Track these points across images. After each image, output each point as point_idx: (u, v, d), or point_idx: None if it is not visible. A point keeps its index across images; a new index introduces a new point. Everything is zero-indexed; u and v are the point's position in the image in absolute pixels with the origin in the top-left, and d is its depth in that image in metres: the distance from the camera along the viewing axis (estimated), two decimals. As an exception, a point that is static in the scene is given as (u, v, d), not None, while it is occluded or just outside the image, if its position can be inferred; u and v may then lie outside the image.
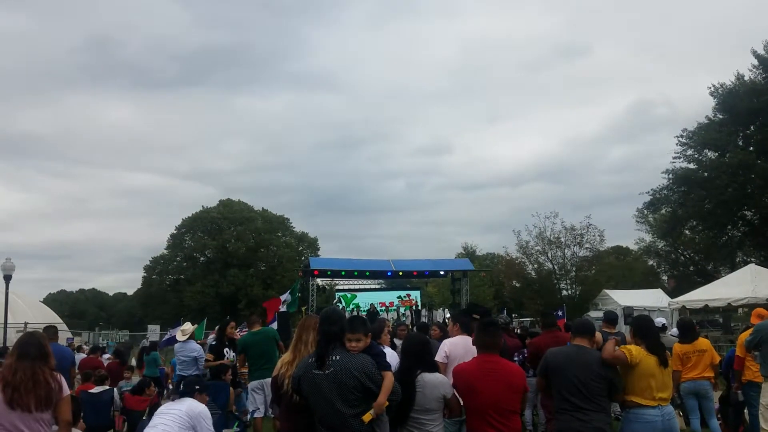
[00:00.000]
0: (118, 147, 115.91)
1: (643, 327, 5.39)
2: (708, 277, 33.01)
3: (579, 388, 4.89)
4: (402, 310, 30.91)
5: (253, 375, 8.67)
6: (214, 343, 10.66)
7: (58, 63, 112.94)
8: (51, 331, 8.77)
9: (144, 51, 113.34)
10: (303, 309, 27.79)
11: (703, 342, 8.17)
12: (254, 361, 8.71)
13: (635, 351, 5.10)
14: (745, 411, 8.42)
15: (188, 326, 11.28)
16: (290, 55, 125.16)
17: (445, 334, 7.41)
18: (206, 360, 9.80)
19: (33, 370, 4.06)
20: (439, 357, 5.91)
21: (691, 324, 8.90)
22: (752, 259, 31.88)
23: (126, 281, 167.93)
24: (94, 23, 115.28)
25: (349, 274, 31.86)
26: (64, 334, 22.49)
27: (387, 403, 4.22)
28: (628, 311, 14.63)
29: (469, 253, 57.26)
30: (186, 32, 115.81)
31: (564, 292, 35.61)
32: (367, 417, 4.07)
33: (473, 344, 4.94)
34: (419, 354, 4.76)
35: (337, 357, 4.18)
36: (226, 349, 9.97)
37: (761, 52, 28.50)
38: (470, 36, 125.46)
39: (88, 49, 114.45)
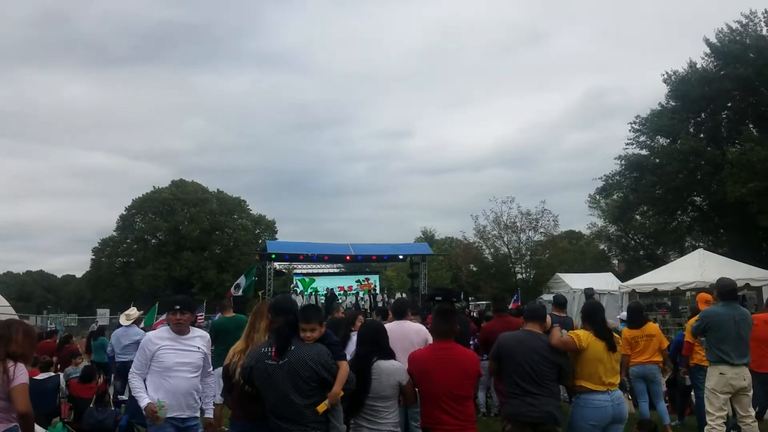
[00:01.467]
0: (73, 125, 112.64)
1: (590, 312, 5.45)
2: (657, 262, 33.93)
3: (529, 373, 4.93)
4: (361, 294, 30.90)
5: (220, 360, 8.46)
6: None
7: (9, 37, 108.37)
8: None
9: (100, 26, 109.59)
10: (260, 293, 27.53)
11: (651, 327, 8.34)
12: (226, 346, 8.48)
13: (583, 336, 5.15)
14: (692, 394, 8.66)
15: (133, 311, 11.01)
16: (252, 33, 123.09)
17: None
18: None
19: None
20: None
21: (639, 309, 9.07)
22: (701, 244, 32.85)
23: (76, 263, 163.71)
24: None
25: (308, 258, 31.65)
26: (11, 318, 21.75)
27: (342, 393, 4.17)
28: (589, 292, 14.87)
29: (427, 238, 57.60)
30: (144, 8, 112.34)
31: (519, 276, 36.22)
32: (321, 407, 4.02)
33: (430, 331, 4.90)
34: (375, 341, 4.69)
35: (292, 347, 4.10)
36: None
37: (713, 40, 29.11)
38: (434, 20, 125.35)
39: (43, 23, 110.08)
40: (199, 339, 5.34)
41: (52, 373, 9.43)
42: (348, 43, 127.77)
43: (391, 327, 6.13)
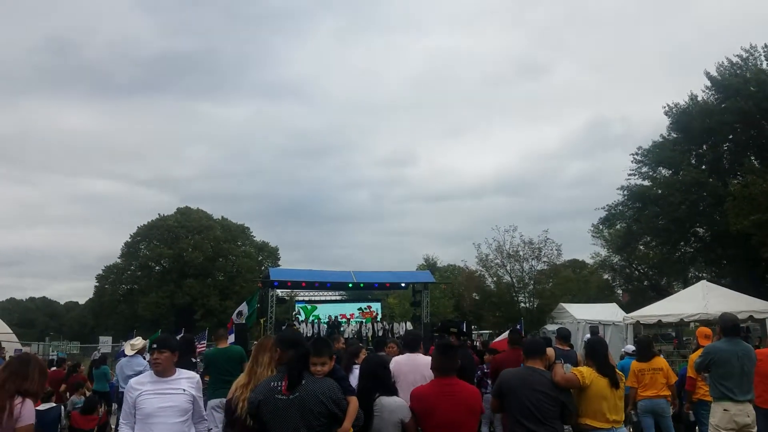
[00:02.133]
0: (77, 152, 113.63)
1: (593, 349, 5.46)
2: (661, 292, 33.81)
3: (532, 410, 4.89)
4: (363, 321, 30.73)
5: (215, 393, 8.43)
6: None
7: (16, 64, 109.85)
8: (-4, 346, 8.41)
9: (105, 55, 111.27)
10: (262, 321, 27.42)
11: (659, 361, 8.30)
12: (217, 378, 8.47)
13: (587, 373, 5.15)
14: (696, 429, 8.58)
15: (138, 341, 10.95)
16: (256, 64, 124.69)
17: (401, 351, 7.37)
18: None
19: (2, 384, 3.99)
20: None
21: (648, 342, 9.02)
22: (704, 275, 32.76)
23: (79, 290, 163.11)
24: (54, 25, 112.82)
25: (310, 285, 31.58)
26: (12, 346, 21.74)
27: (351, 429, 4.17)
28: (594, 330, 14.81)
29: (430, 265, 57.49)
30: (150, 38, 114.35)
31: (522, 305, 36.06)
32: None
33: (431, 368, 4.90)
34: (377, 376, 4.70)
35: (303, 381, 4.08)
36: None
37: (714, 73, 29.42)
38: (435, 51, 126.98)
39: (48, 51, 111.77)
40: (186, 381, 4.79)
41: (54, 404, 9.39)
42: (351, 73, 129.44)
43: (402, 360, 6.11)
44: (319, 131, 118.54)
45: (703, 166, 30.48)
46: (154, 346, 4.80)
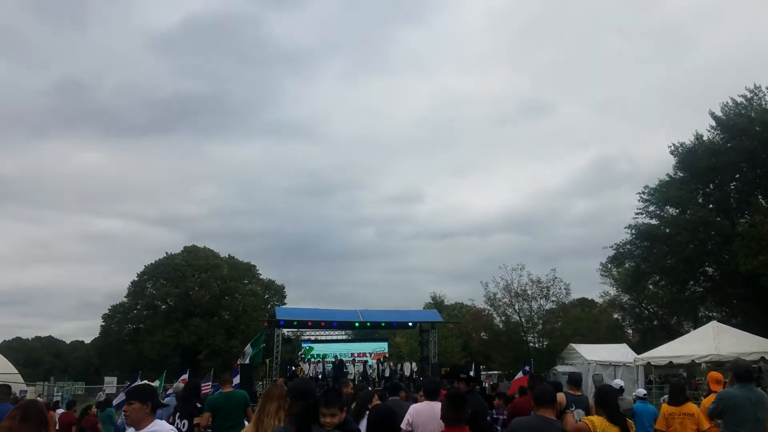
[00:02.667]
0: (87, 192, 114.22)
1: (604, 397, 5.41)
2: (671, 332, 33.48)
3: None
4: (369, 362, 30.40)
5: None
6: (175, 400, 10.13)
7: (27, 106, 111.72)
8: (3, 390, 8.34)
9: (115, 97, 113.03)
10: (267, 361, 27.20)
11: (691, 406, 8.01)
12: (221, 423, 8.36)
13: (598, 422, 5.11)
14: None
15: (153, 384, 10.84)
16: (264, 105, 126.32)
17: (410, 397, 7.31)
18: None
19: None
20: (402, 424, 5.82)
21: (681, 386, 8.68)
22: (714, 314, 32.45)
23: (85, 329, 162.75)
24: (67, 67, 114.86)
25: (316, 324, 31.42)
26: (17, 386, 21.61)
27: None
28: (597, 378, 14.55)
29: (437, 303, 57.12)
30: (160, 80, 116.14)
31: (531, 345, 35.71)
32: None
33: (441, 418, 4.85)
34: (385, 426, 4.66)
35: None
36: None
37: (719, 113, 29.62)
38: (441, 91, 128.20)
39: (60, 93, 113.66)
40: None
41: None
42: (357, 112, 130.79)
43: (422, 408, 6.03)
44: (325, 170, 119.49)
45: (711, 205, 30.46)
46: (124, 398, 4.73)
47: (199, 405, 8.73)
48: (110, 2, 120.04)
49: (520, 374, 18.94)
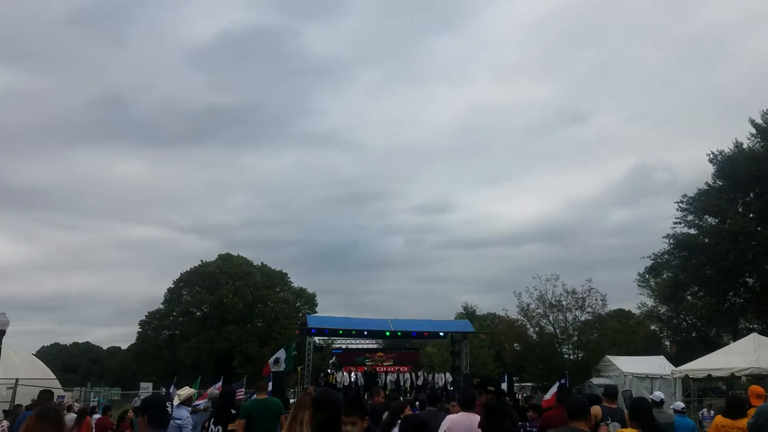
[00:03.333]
0: (124, 201, 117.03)
1: (636, 410, 5.31)
2: (710, 344, 32.63)
3: None
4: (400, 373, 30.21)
5: None
6: (210, 407, 10.19)
7: (69, 118, 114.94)
8: (45, 396, 8.59)
9: (155, 110, 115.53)
10: (299, 368, 27.32)
11: (745, 422, 7.79)
12: (255, 430, 8.40)
13: (629, 436, 5.00)
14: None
15: (185, 391, 10.90)
16: (297, 115, 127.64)
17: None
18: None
19: None
20: None
21: (740, 400, 8.42)
22: (755, 326, 31.58)
23: (121, 335, 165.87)
24: (109, 81, 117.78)
25: (347, 333, 31.45)
26: (55, 392, 22.06)
27: None
28: (627, 395, 14.27)
29: (469, 313, 56.71)
30: (196, 93, 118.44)
31: (566, 356, 35.15)
32: None
33: (479, 426, 4.81)
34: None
35: None
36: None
37: (759, 121, 28.99)
38: (474, 100, 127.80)
39: (102, 105, 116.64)
40: None
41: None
42: (388, 122, 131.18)
43: (459, 419, 5.99)
44: (356, 179, 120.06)
45: (751, 215, 29.77)
46: None
47: (233, 411, 8.83)
48: (150, 18, 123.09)
49: (555, 387, 18.65)
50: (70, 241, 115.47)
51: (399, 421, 6.66)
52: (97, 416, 15.24)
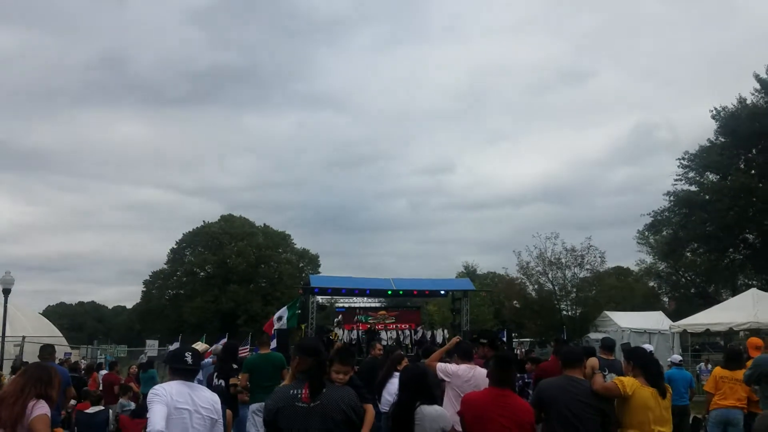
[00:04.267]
0: (127, 162, 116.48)
1: (640, 358, 5.34)
2: (709, 300, 32.89)
3: (572, 420, 4.82)
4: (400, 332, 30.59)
5: (256, 397, 8.51)
6: (214, 363, 10.38)
7: (73, 79, 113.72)
8: (48, 350, 8.64)
9: (155, 69, 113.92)
10: (302, 326, 27.67)
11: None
12: (258, 383, 8.58)
13: (628, 382, 5.02)
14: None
15: (199, 346, 11.06)
16: (298, 75, 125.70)
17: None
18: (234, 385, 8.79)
19: (22, 388, 4.06)
20: (440, 368, 6.04)
21: (738, 352, 8.51)
22: (754, 282, 31.78)
23: (126, 294, 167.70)
24: (108, 41, 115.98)
25: (350, 293, 31.75)
26: (62, 349, 22.43)
27: None
28: (626, 347, 14.39)
29: (469, 273, 57.12)
30: (198, 52, 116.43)
31: (564, 313, 35.53)
32: None
33: (488, 376, 4.90)
34: (418, 386, 4.71)
35: (324, 389, 4.12)
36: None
37: (764, 76, 28.62)
38: (475, 59, 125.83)
39: (102, 66, 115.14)
40: None
41: (102, 407, 9.68)
42: (390, 82, 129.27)
43: (465, 370, 6.06)
44: (358, 141, 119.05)
45: (752, 171, 29.67)
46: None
47: (235, 366, 9.02)
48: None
49: (555, 342, 18.96)
50: (75, 203, 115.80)
51: (395, 372, 6.80)
52: (104, 372, 15.56)
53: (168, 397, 4.10)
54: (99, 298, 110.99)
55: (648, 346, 11.31)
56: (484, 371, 5.77)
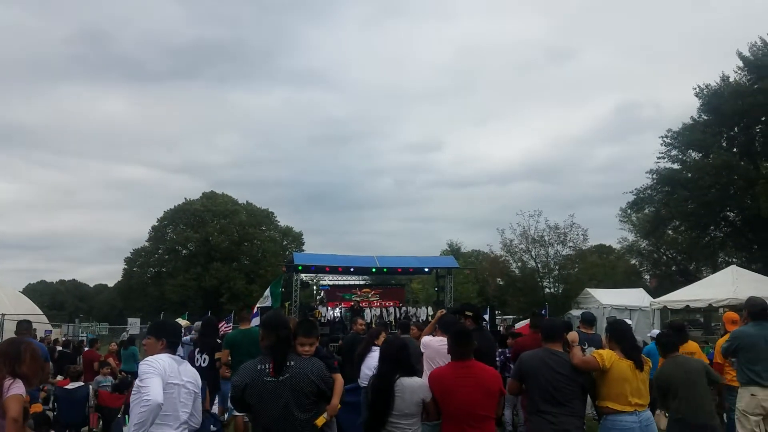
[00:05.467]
0: (110, 139, 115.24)
1: (618, 331, 5.38)
2: (690, 277, 33.29)
3: (551, 392, 4.89)
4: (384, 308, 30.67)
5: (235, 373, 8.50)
6: (193, 341, 10.35)
7: (52, 54, 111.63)
8: (24, 325, 8.46)
9: (138, 44, 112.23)
10: (286, 305, 27.61)
11: (692, 345, 8.13)
12: (239, 359, 8.53)
13: (606, 355, 5.08)
14: (724, 415, 8.45)
15: (181, 321, 11.04)
16: (284, 52, 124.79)
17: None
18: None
19: None
20: (422, 342, 6.21)
21: (681, 327, 8.83)
22: (734, 260, 32.18)
23: (108, 273, 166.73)
24: (89, 15, 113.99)
25: (334, 270, 31.68)
26: (42, 327, 22.22)
27: (339, 406, 4.38)
28: (610, 319, 14.59)
29: (454, 250, 57.30)
30: (181, 27, 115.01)
31: (547, 290, 35.81)
32: (320, 421, 4.11)
33: (448, 352, 4.94)
34: (398, 359, 4.71)
35: (292, 362, 4.13)
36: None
37: (747, 54, 28.67)
38: (463, 38, 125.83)
39: (83, 41, 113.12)
40: None
41: (82, 383, 9.61)
42: (377, 60, 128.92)
43: (438, 341, 6.05)
44: (345, 118, 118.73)
45: (735, 149, 29.86)
46: None
47: (219, 341, 9.00)
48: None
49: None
50: (56, 180, 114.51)
51: (373, 347, 6.79)
52: (85, 350, 15.42)
53: (162, 371, 4.08)
54: (80, 277, 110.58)
55: (628, 322, 11.42)
56: None
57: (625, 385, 5.00)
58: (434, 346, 6.02)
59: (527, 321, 18.87)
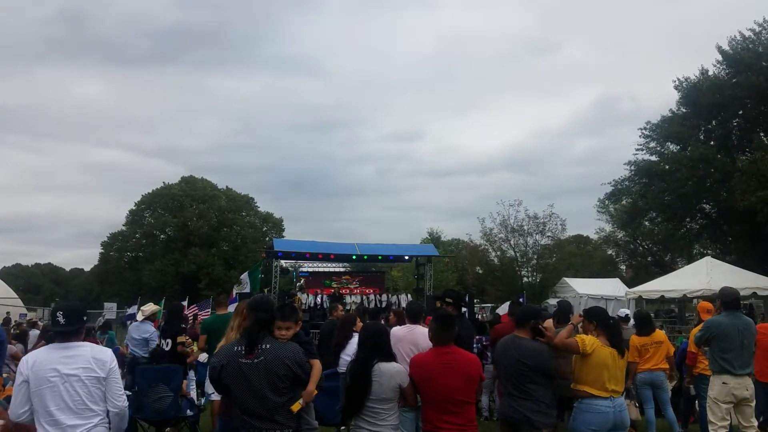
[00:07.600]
0: (87, 122, 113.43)
1: (604, 318, 5.46)
2: (665, 268, 33.74)
3: (510, 377, 5.15)
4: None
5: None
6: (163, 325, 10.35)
7: (29, 35, 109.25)
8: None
9: (117, 27, 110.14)
10: (265, 291, 27.51)
11: (659, 334, 8.35)
12: (215, 344, 8.50)
13: (588, 341, 5.15)
14: (696, 403, 8.63)
15: (149, 307, 11.00)
16: (267, 38, 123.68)
17: (400, 321, 7.40)
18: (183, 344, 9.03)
19: None
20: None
21: (648, 317, 9.06)
22: (709, 252, 32.68)
23: (84, 257, 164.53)
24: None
25: (314, 257, 31.59)
26: (17, 311, 21.95)
27: (316, 391, 4.39)
28: (587, 313, 14.66)
29: (434, 239, 57.41)
30: (161, 10, 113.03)
31: (525, 279, 36.09)
32: (296, 406, 4.09)
33: (429, 338, 4.99)
34: (375, 344, 4.73)
35: (267, 345, 4.13)
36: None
37: (726, 47, 28.95)
38: (445, 28, 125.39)
39: (61, 22, 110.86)
40: None
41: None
42: (360, 48, 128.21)
43: (402, 332, 6.15)
44: (326, 106, 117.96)
45: (712, 142, 30.20)
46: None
47: (183, 326, 9.11)
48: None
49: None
50: (32, 162, 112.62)
51: (352, 333, 6.80)
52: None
53: (27, 372, 3.86)
54: (56, 260, 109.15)
55: (624, 311, 11.65)
56: (424, 330, 5.90)
57: (604, 371, 5.10)
58: (397, 334, 6.05)
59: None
